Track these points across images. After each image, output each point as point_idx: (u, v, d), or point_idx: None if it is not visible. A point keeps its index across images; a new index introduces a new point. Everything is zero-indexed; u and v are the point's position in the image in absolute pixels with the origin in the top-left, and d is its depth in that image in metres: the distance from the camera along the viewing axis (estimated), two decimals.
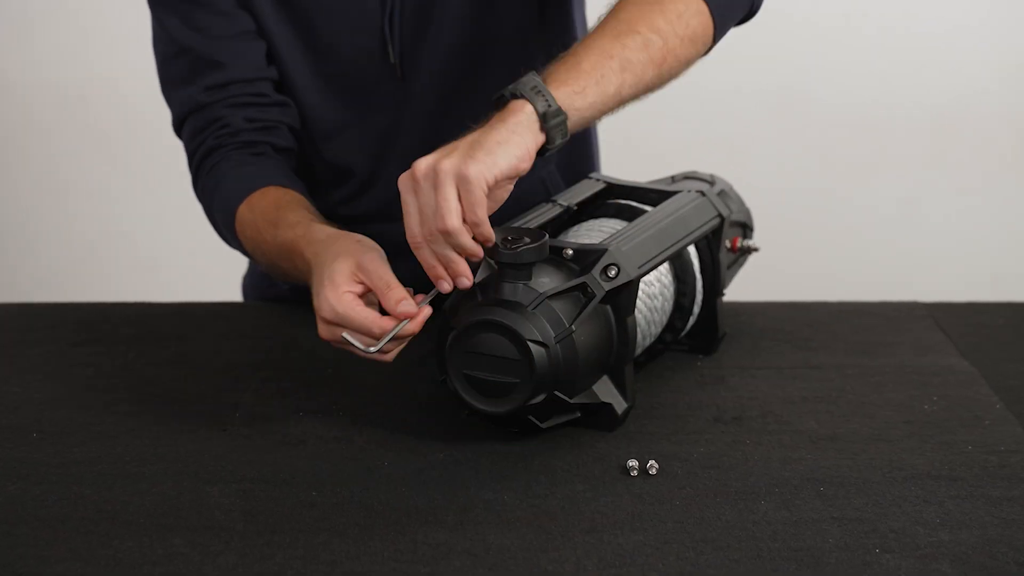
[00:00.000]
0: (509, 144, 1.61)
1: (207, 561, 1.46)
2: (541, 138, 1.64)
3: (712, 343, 1.98)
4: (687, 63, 1.77)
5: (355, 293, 1.66)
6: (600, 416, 1.73)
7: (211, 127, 2.02)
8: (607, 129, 2.14)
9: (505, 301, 1.65)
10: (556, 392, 1.66)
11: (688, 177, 2.06)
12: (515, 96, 1.64)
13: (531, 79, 1.65)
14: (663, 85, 1.76)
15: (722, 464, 1.65)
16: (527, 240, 1.66)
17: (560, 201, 1.91)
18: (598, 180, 1.98)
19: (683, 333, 1.96)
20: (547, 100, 1.63)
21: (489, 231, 1.61)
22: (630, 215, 1.91)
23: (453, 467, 1.65)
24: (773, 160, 3.69)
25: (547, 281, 1.68)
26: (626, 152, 3.21)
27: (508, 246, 1.65)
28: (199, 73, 2.02)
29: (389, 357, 1.67)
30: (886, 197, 3.75)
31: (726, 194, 2.01)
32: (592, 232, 1.86)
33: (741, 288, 2.20)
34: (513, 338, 1.63)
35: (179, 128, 2.06)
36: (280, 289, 2.22)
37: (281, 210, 1.89)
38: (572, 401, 1.69)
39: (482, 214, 1.60)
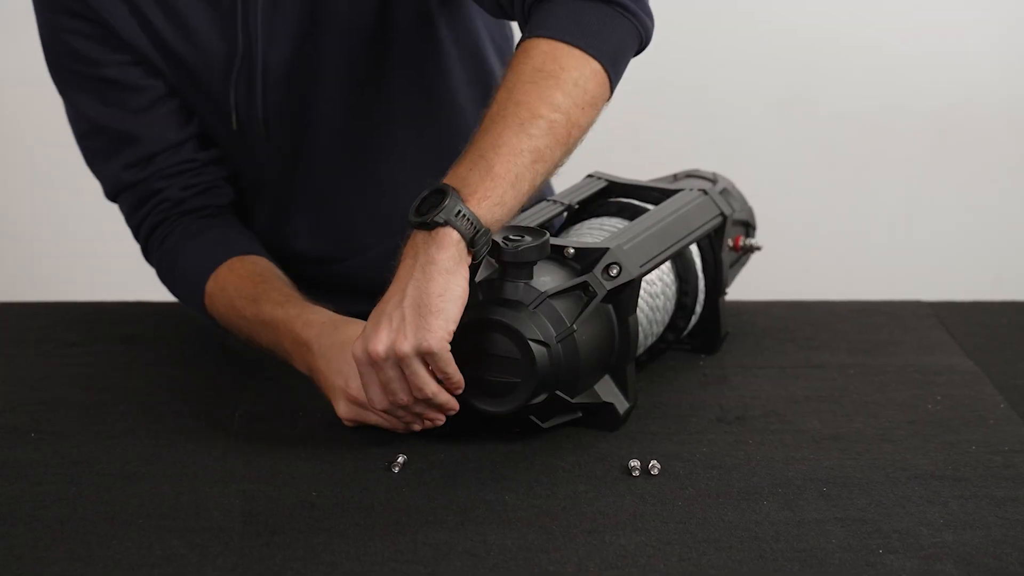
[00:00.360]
0: (449, 290, 1.59)
1: (206, 562, 1.45)
2: (469, 259, 1.62)
3: (714, 342, 1.97)
4: (590, 126, 1.72)
5: None
6: (602, 416, 1.73)
7: (149, 202, 1.99)
8: (610, 128, 2.13)
9: (506, 300, 1.65)
10: (557, 392, 1.66)
11: (690, 175, 2.05)
12: (438, 223, 1.60)
13: (453, 203, 1.59)
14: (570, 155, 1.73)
15: (724, 464, 1.65)
16: (528, 238, 1.65)
17: (560, 200, 1.91)
18: (599, 179, 1.97)
19: (685, 332, 1.95)
20: (472, 224, 1.60)
21: (460, 378, 1.63)
22: (631, 214, 1.90)
23: (454, 467, 1.65)
24: (775, 158, 3.69)
25: (548, 280, 1.67)
26: (627, 151, 3.20)
27: (509, 244, 1.65)
28: (118, 151, 1.98)
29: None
30: (889, 195, 3.74)
31: (728, 192, 2.00)
32: (593, 231, 1.86)
33: (743, 287, 2.20)
34: (514, 337, 1.63)
35: (113, 199, 2.03)
36: None
37: (260, 285, 1.88)
38: (574, 401, 1.68)
39: (453, 369, 1.61)
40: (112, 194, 2.02)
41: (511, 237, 1.66)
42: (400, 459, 1.64)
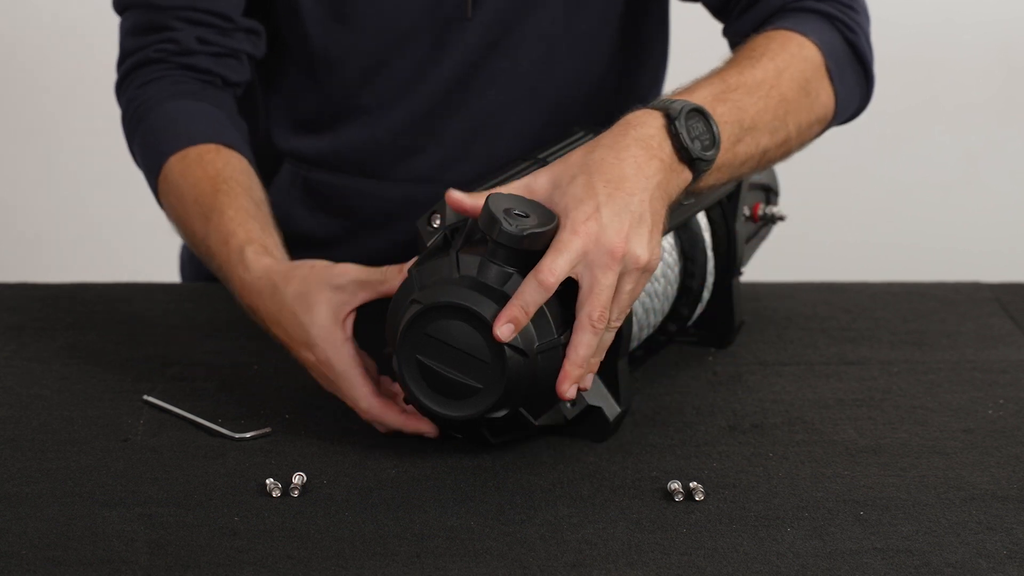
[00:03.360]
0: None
1: None
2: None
3: (727, 334, 1.98)
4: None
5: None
6: (588, 423, 1.73)
7: (154, 35, 2.02)
8: None
9: (488, 287, 1.62)
10: (522, 410, 1.65)
11: None
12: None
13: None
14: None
15: (739, 483, 1.66)
16: (535, 220, 1.62)
17: (540, 156, 1.90)
18: (586, 132, 1.96)
19: (691, 322, 1.96)
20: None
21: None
22: None
23: (407, 486, 1.65)
24: None
25: None
26: None
27: (511, 221, 1.61)
28: None
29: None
30: (942, 154, 3.75)
31: None
32: None
33: (763, 266, 2.20)
34: (488, 336, 1.61)
35: (120, 10, 2.06)
36: None
37: (220, 196, 1.89)
38: (538, 423, 1.67)
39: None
40: (121, 6, 2.06)
41: (515, 211, 1.62)
42: (297, 479, 1.64)
